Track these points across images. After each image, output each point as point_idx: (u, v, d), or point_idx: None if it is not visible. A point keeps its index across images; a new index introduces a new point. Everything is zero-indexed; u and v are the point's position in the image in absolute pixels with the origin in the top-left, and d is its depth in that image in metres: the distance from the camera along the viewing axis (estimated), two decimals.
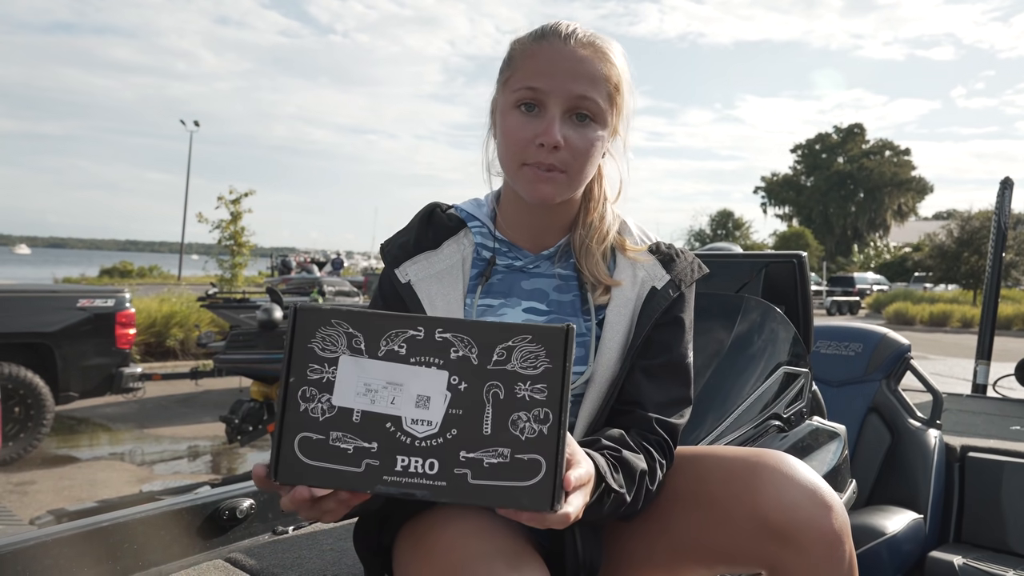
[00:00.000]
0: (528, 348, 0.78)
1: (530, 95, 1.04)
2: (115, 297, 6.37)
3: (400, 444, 0.76)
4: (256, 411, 5.85)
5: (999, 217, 3.80)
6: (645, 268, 1.13)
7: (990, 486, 2.36)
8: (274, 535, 1.61)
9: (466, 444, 0.76)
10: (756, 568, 1.02)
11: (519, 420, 0.77)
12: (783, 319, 1.73)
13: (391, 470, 0.76)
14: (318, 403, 0.78)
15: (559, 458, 0.75)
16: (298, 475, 0.76)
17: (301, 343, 0.79)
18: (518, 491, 0.75)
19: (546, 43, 1.06)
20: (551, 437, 0.76)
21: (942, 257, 29.14)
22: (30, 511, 4.30)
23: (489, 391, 0.78)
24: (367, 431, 0.77)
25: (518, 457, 0.76)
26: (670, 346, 1.11)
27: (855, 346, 2.65)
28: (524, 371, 0.78)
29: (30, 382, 5.76)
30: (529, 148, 1.04)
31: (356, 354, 0.79)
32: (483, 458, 0.76)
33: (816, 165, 65.49)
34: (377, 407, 0.78)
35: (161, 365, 9.93)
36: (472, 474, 0.75)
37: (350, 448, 0.77)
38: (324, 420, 0.77)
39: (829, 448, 1.64)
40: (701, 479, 1.05)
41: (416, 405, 0.77)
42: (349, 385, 0.78)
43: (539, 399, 0.77)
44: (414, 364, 0.78)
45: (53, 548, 1.31)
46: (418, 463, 0.76)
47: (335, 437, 0.77)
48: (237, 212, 16.35)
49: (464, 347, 0.79)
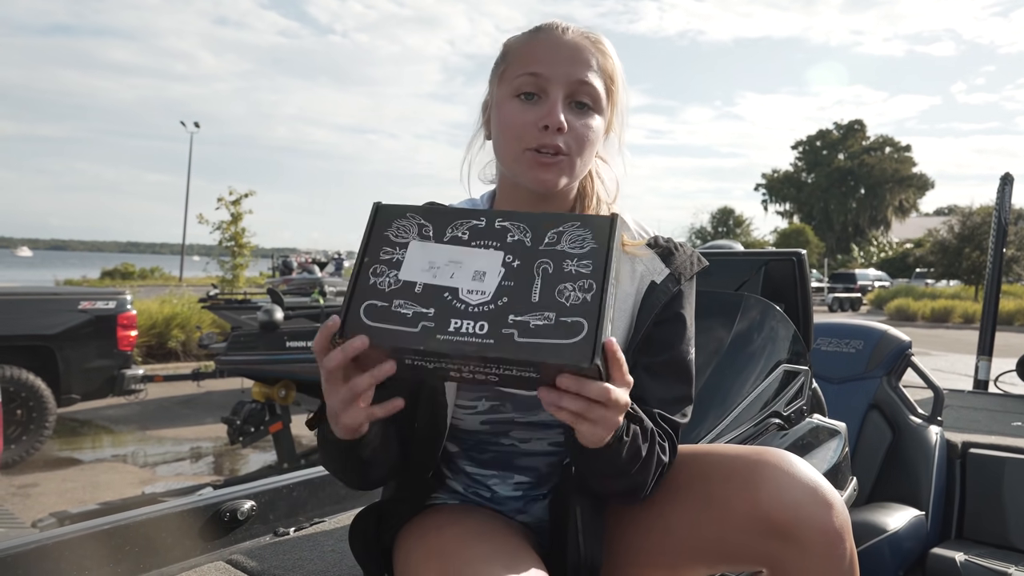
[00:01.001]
0: (576, 232, 0.86)
1: (531, 81, 1.04)
2: (116, 299, 6.38)
3: (455, 309, 0.82)
4: (258, 412, 5.85)
5: (999, 213, 3.80)
6: (643, 263, 1.11)
7: (992, 482, 2.36)
8: (275, 537, 1.61)
9: (515, 309, 0.82)
10: (757, 566, 1.02)
11: (565, 290, 0.83)
12: (783, 317, 1.73)
13: (444, 331, 0.81)
14: (386, 277, 0.85)
15: (600, 321, 0.80)
16: (360, 333, 0.82)
17: (379, 231, 0.89)
18: (561, 348, 0.79)
19: (543, 35, 1.07)
20: (594, 303, 0.82)
21: (943, 253, 29.13)
22: (32, 514, 4.31)
23: (539, 266, 0.85)
24: (427, 299, 0.84)
25: (562, 319, 0.81)
26: (672, 343, 1.10)
27: (856, 343, 2.65)
28: (572, 250, 0.85)
29: (32, 384, 5.77)
30: (531, 132, 1.03)
31: (424, 240, 0.87)
32: (529, 320, 0.81)
33: (817, 162, 65.48)
34: (439, 280, 0.85)
35: (163, 367, 9.95)
36: (518, 333, 0.80)
37: (409, 312, 0.83)
38: (390, 291, 0.84)
39: (830, 445, 1.64)
40: (702, 477, 1.05)
41: (473, 279, 0.84)
42: (415, 263, 0.86)
43: (584, 272, 0.84)
44: (474, 247, 0.86)
45: (55, 551, 1.32)
46: (470, 324, 0.81)
47: (398, 304, 0.83)
48: (237, 213, 16.38)
49: (519, 232, 0.87)
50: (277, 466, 5.67)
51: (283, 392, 5.93)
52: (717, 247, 2.37)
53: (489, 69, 1.14)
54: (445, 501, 1.16)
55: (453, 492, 1.16)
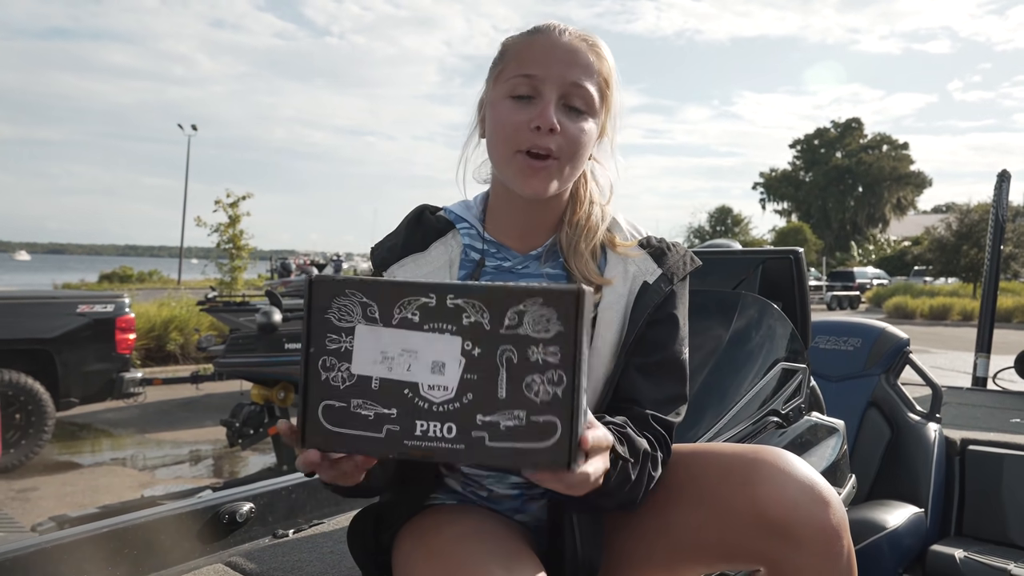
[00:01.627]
0: (540, 312, 0.78)
1: (525, 83, 1.04)
2: (115, 302, 6.38)
3: (418, 409, 0.78)
4: (257, 414, 5.84)
5: (997, 210, 3.80)
6: (636, 263, 1.12)
7: (991, 479, 2.36)
8: (274, 539, 1.61)
9: (482, 408, 0.77)
10: (755, 564, 1.02)
11: (533, 383, 0.77)
12: (780, 315, 1.73)
13: (411, 435, 0.78)
14: (338, 371, 0.80)
15: (575, 419, 0.76)
16: (324, 441, 0.79)
17: (318, 314, 0.81)
18: (535, 452, 0.76)
19: (540, 35, 1.07)
20: (566, 399, 0.76)
21: (941, 250, 29.14)
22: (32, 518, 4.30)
23: (503, 355, 0.78)
24: (386, 398, 0.79)
25: (534, 419, 0.76)
26: (665, 343, 1.10)
27: (854, 341, 2.66)
28: (536, 335, 0.77)
29: (31, 388, 5.76)
30: (523, 133, 1.03)
31: (371, 323, 0.80)
32: (499, 421, 0.77)
33: (814, 160, 65.50)
34: (394, 374, 0.79)
35: (161, 370, 9.94)
36: (489, 436, 0.77)
37: (371, 414, 0.79)
38: (345, 388, 0.79)
39: (828, 443, 1.64)
40: (699, 476, 1.05)
41: (432, 371, 0.79)
42: (366, 353, 0.80)
43: (552, 362, 0.77)
44: (428, 331, 0.79)
45: (55, 554, 1.32)
46: (436, 427, 0.77)
47: (356, 404, 0.79)
48: (235, 215, 16.37)
49: (476, 312, 0.79)
50: (276, 468, 5.66)
51: (282, 394, 5.93)
52: (715, 246, 2.37)
53: (487, 70, 1.14)
54: (443, 501, 1.16)
55: (451, 492, 1.16)
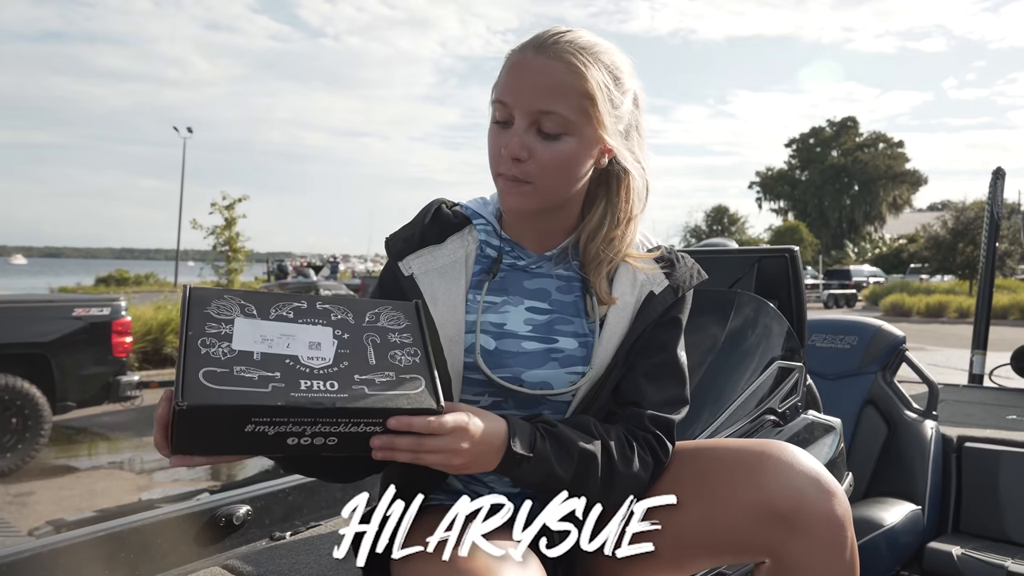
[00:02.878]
0: (392, 314, 0.98)
1: (501, 108, 1.06)
2: (111, 305, 6.35)
3: (301, 372, 0.86)
4: None
5: (992, 207, 3.81)
6: (646, 273, 1.15)
7: (987, 476, 2.36)
8: (271, 541, 1.61)
9: (357, 370, 0.89)
10: (760, 556, 1.04)
11: (396, 355, 0.93)
12: (776, 314, 1.73)
13: (297, 389, 0.83)
14: (219, 348, 0.85)
15: (432, 374, 0.92)
16: (204, 396, 0.80)
17: (197, 311, 0.88)
18: (408, 396, 0.88)
19: (521, 56, 1.05)
20: (423, 364, 0.93)
21: (937, 248, 29.19)
22: (29, 522, 4.29)
23: (368, 338, 0.93)
24: (269, 365, 0.85)
25: (402, 376, 0.90)
26: (666, 345, 1.13)
27: (850, 339, 2.66)
28: (392, 326, 0.96)
29: (26, 392, 5.74)
30: (501, 160, 1.06)
31: (249, 317, 0.89)
32: (374, 378, 0.89)
33: (810, 159, 65.62)
34: (275, 350, 0.87)
35: (158, 372, 9.91)
36: (367, 388, 0.87)
37: (255, 376, 0.83)
38: (227, 359, 0.84)
39: (825, 441, 1.64)
40: (707, 468, 1.07)
41: (310, 348, 0.89)
42: (246, 336, 0.87)
43: (407, 342, 0.95)
44: (302, 323, 0.91)
45: (51, 559, 1.31)
46: (319, 383, 0.85)
47: (239, 370, 0.83)
48: (231, 218, 16.35)
49: (341, 312, 0.95)
50: (273, 470, 5.65)
51: None
52: (711, 245, 2.37)
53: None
54: (443, 502, 1.16)
55: (451, 492, 1.16)
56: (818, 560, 0.98)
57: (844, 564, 1.00)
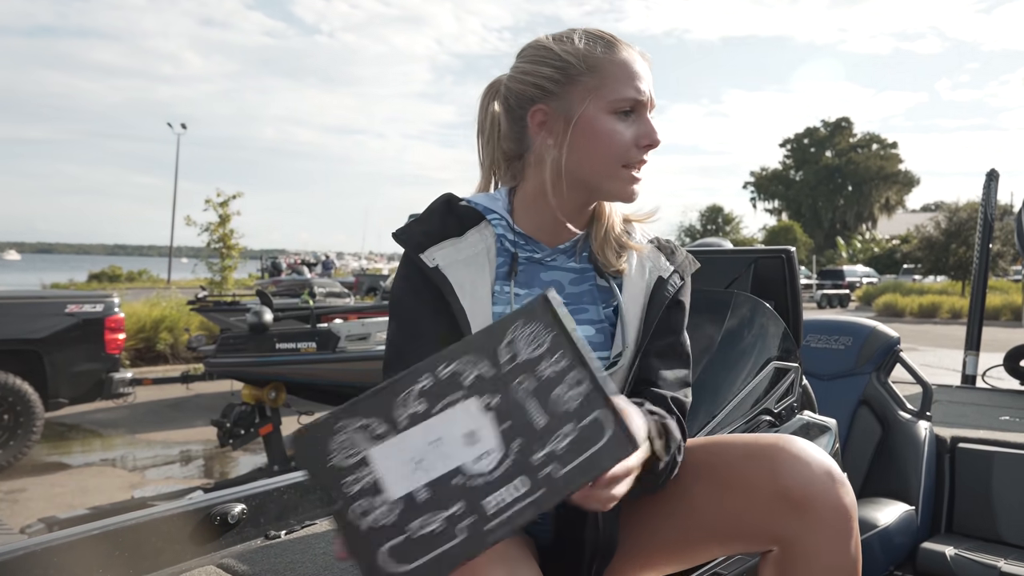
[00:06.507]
0: (524, 331, 0.77)
1: (631, 100, 1.12)
2: (104, 302, 6.33)
3: (479, 488, 0.72)
4: (247, 414, 5.81)
5: (985, 208, 3.82)
6: (651, 260, 1.21)
7: (981, 477, 2.37)
8: (266, 540, 1.61)
9: (533, 447, 0.74)
10: (769, 544, 1.07)
11: (561, 397, 0.75)
12: (772, 314, 1.73)
13: (487, 516, 0.71)
14: (377, 509, 0.71)
15: (609, 400, 0.75)
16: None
17: (319, 467, 0.73)
18: (601, 454, 0.74)
19: (627, 52, 1.14)
20: (596, 392, 0.75)
21: (930, 249, 29.28)
22: (21, 520, 4.27)
23: (521, 391, 0.75)
24: (441, 499, 0.72)
25: (582, 425, 0.75)
26: (675, 327, 1.19)
27: (845, 339, 2.66)
28: (536, 354, 0.76)
29: (19, 389, 5.72)
30: (631, 151, 1.12)
31: (380, 440, 0.73)
32: (554, 447, 0.74)
33: (804, 159, 65.74)
34: (435, 472, 0.72)
35: (151, 370, 9.89)
36: (556, 466, 0.73)
37: (437, 526, 0.71)
38: (396, 522, 0.71)
39: (820, 441, 1.64)
40: (721, 457, 1.11)
41: (467, 445, 0.74)
42: (393, 471, 0.72)
43: (564, 367, 0.76)
44: (440, 412, 0.74)
45: (44, 557, 1.30)
46: (506, 492, 0.72)
47: (416, 526, 0.71)
48: (225, 215, 16.33)
49: (470, 366, 0.76)
50: (267, 469, 5.64)
51: (273, 394, 5.90)
52: (706, 245, 2.37)
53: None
54: None
55: None
56: (826, 548, 1.02)
57: (850, 552, 1.04)
